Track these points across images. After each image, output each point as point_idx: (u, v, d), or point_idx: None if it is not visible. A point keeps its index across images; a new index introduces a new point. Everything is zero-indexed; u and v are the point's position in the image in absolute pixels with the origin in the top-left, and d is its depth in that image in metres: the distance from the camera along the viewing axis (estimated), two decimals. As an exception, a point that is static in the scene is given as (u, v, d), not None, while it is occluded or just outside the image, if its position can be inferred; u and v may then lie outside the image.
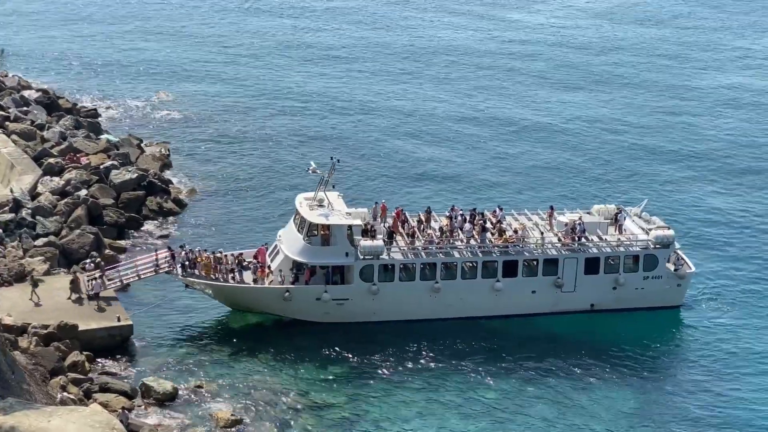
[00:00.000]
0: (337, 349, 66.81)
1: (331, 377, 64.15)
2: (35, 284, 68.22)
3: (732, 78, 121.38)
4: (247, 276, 70.00)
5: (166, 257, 69.91)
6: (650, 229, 72.56)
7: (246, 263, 70.65)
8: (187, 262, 69.69)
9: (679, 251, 73.12)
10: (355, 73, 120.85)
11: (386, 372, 64.92)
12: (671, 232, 72.51)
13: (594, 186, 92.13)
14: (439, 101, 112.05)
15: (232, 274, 69.63)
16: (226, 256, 70.72)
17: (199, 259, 69.97)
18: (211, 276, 69.56)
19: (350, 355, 66.29)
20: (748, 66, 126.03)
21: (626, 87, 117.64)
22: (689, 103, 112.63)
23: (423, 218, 73.40)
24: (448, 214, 73.59)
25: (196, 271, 69.69)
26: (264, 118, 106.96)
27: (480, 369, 65.28)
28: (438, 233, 71.73)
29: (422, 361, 66.12)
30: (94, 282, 68.27)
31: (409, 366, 65.60)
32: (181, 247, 71.52)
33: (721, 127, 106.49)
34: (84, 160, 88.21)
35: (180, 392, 61.58)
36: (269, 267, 70.04)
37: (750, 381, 64.93)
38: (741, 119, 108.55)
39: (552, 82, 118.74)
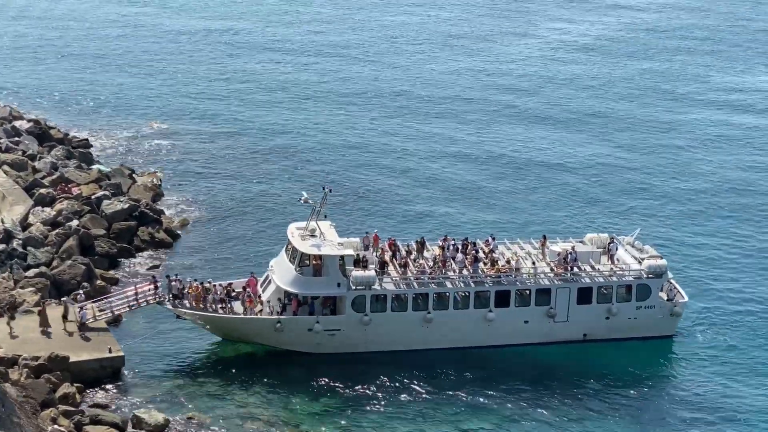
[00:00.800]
0: (328, 379, 66.53)
1: (323, 408, 63.87)
2: (12, 317, 67.86)
3: (723, 113, 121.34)
4: (238, 306, 69.72)
5: (149, 289, 69.65)
6: (643, 259, 72.44)
7: (235, 293, 70.38)
8: (176, 292, 69.47)
9: (672, 281, 73.03)
10: (348, 107, 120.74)
11: (379, 402, 64.64)
12: (664, 261, 72.40)
13: (587, 215, 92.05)
14: (430, 134, 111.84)
15: (221, 305, 69.38)
16: (215, 286, 70.48)
17: (188, 290, 69.73)
18: (200, 306, 69.32)
19: (342, 386, 66.01)
20: (739, 101, 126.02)
21: (618, 121, 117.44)
22: (681, 137, 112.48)
23: (416, 248, 73.22)
24: (440, 244, 73.45)
25: (186, 302, 69.45)
26: (256, 148, 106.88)
27: (472, 399, 65.05)
28: (430, 263, 71.57)
29: (415, 391, 65.87)
30: (81, 312, 67.96)
31: (402, 396, 65.34)
32: (167, 276, 71.29)
33: (712, 159, 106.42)
34: (75, 191, 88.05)
35: (171, 424, 61.25)
36: (259, 297, 69.80)
37: (744, 410, 64.72)
38: (731, 152, 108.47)
39: (546, 117, 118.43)
